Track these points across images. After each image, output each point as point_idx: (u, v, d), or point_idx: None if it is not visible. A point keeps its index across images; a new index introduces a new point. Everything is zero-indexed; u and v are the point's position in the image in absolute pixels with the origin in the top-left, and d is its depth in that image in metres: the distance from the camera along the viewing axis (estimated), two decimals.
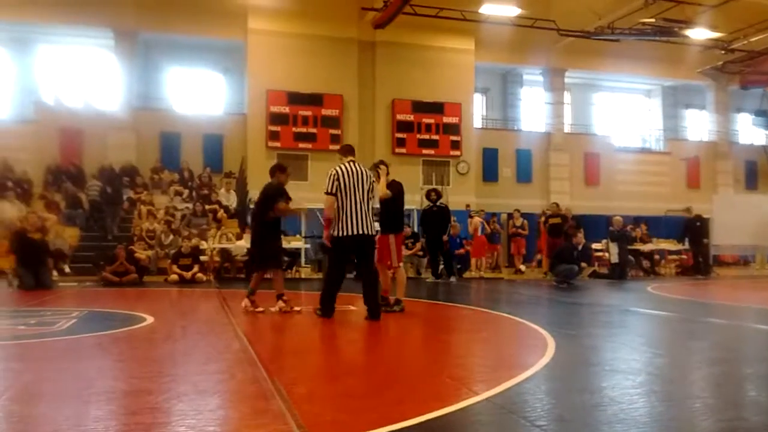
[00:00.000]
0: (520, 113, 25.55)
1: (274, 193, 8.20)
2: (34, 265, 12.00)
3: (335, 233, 7.35)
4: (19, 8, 19.33)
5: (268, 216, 8.12)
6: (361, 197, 7.32)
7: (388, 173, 8.24)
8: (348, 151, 7.70)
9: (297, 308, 8.14)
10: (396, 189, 8.38)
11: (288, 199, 8.32)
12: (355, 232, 7.28)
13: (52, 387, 4.09)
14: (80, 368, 4.68)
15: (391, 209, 8.30)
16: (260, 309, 8.07)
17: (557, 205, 17.82)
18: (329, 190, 7.30)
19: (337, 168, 7.39)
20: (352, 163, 7.49)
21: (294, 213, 9.26)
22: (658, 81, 26.80)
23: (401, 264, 8.56)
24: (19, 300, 9.85)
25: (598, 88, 26.86)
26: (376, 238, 7.82)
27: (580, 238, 14.49)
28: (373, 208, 7.56)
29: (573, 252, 14.15)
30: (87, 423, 3.27)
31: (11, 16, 19.60)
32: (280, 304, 8.10)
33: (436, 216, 14.33)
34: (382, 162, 8.33)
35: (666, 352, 5.73)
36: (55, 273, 13.53)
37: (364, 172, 7.46)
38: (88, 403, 3.67)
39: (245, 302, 8.22)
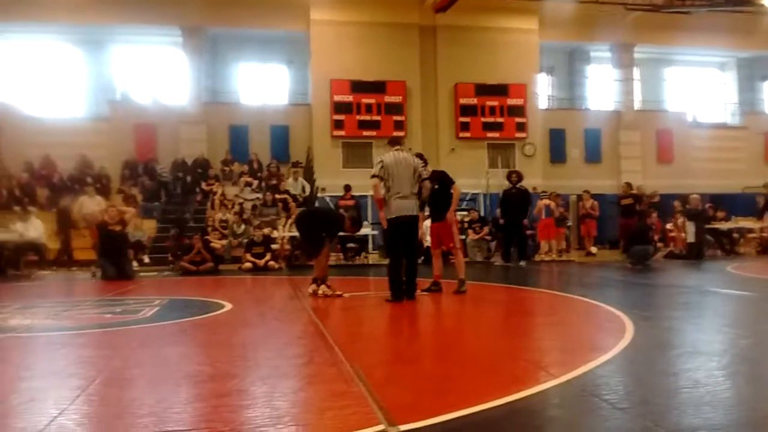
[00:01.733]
0: (587, 92, 24.95)
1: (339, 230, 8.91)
2: (115, 257, 12.46)
3: (388, 215, 7.72)
4: (91, 10, 20.05)
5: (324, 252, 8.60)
6: (405, 180, 7.74)
7: (425, 165, 8.30)
8: (395, 141, 8.23)
9: (338, 292, 8.35)
10: (438, 177, 8.52)
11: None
12: (403, 214, 7.69)
13: (141, 372, 4.26)
14: (166, 354, 4.87)
15: (441, 195, 8.53)
16: (339, 292, 8.32)
17: (629, 185, 17.36)
18: (375, 174, 7.75)
19: (383, 156, 7.87)
20: (398, 151, 7.92)
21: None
22: (732, 53, 25.64)
23: (461, 244, 9.09)
24: (103, 290, 10.25)
25: (669, 62, 25.92)
26: (429, 224, 8.13)
27: (653, 218, 14.11)
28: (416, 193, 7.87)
29: (647, 232, 13.79)
30: (178, 405, 3.40)
31: (85, 19, 20.33)
32: (313, 287, 8.45)
33: (516, 198, 14.23)
34: (419, 156, 8.35)
35: (750, 333, 5.53)
36: (135, 263, 14.07)
37: (408, 159, 7.88)
38: (178, 386, 3.82)
39: (313, 287, 8.45)
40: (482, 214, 18.40)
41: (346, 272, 12.97)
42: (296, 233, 15.32)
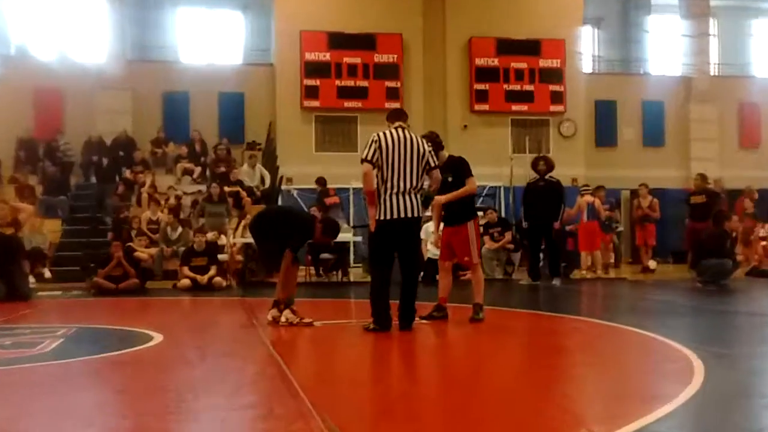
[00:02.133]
0: (646, 51, 25.01)
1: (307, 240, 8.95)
2: (5, 270, 12.35)
3: (378, 216, 7.63)
4: None
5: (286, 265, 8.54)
6: (408, 170, 7.60)
7: (441, 149, 8.29)
8: (396, 115, 8.02)
9: (307, 320, 8.32)
10: (453, 166, 8.53)
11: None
12: (402, 215, 7.58)
13: (35, 427, 4.23)
14: (72, 402, 4.82)
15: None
16: (307, 320, 8.31)
17: (702, 177, 17.37)
18: (366, 157, 7.56)
19: (380, 133, 7.68)
20: (400, 129, 7.75)
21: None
22: None
23: (480, 260, 8.95)
24: None
25: (758, 12, 26.04)
26: (431, 227, 7.99)
27: (734, 223, 14.15)
28: (422, 188, 7.80)
29: (725, 241, 13.81)
30: None
31: None
32: (274, 312, 8.41)
33: (544, 193, 14.03)
34: (430, 138, 8.32)
35: None
36: (32, 279, 13.96)
37: (414, 140, 7.72)
38: None
39: (273, 313, 8.45)
40: (503, 214, 18.40)
41: (319, 293, 12.87)
42: (251, 240, 15.28)
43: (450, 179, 8.40)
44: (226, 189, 17.66)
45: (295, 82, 20.99)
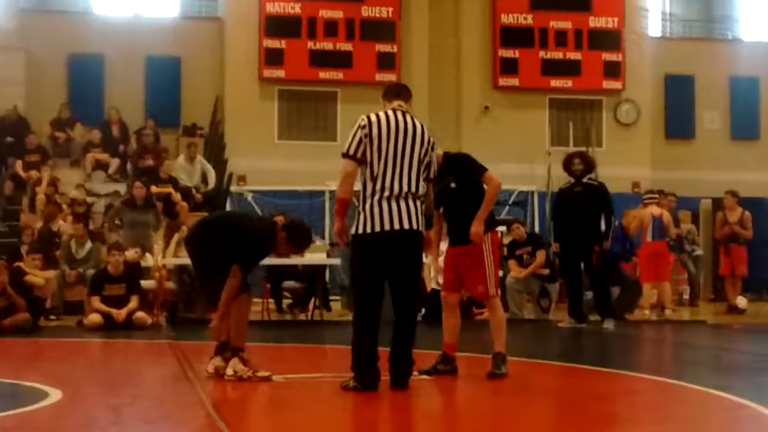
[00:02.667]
0: (736, 9, 25.10)
1: (262, 257, 8.92)
2: None
3: (360, 228, 7.58)
4: None
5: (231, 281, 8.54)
6: (407, 168, 7.60)
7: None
8: (395, 92, 8.04)
9: (262, 373, 8.29)
10: (455, 166, 8.54)
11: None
12: (396, 227, 7.52)
13: None
14: None
15: (464, 198, 8.46)
16: (263, 374, 8.28)
17: None
18: (350, 151, 7.56)
19: (372, 115, 7.64)
20: (400, 113, 7.74)
21: None
22: None
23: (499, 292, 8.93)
24: None
25: None
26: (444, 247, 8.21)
27: None
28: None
29: None
30: None
31: None
32: (217, 361, 8.42)
33: (582, 203, 14.15)
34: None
35: None
36: None
37: (417, 128, 7.73)
38: None
39: (216, 362, 8.43)
40: (536, 229, 18.38)
41: (282, 335, 12.86)
42: (188, 260, 15.08)
43: (453, 185, 8.41)
44: (154, 190, 17.61)
45: (252, 43, 21.05)
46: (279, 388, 8.01)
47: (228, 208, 18.37)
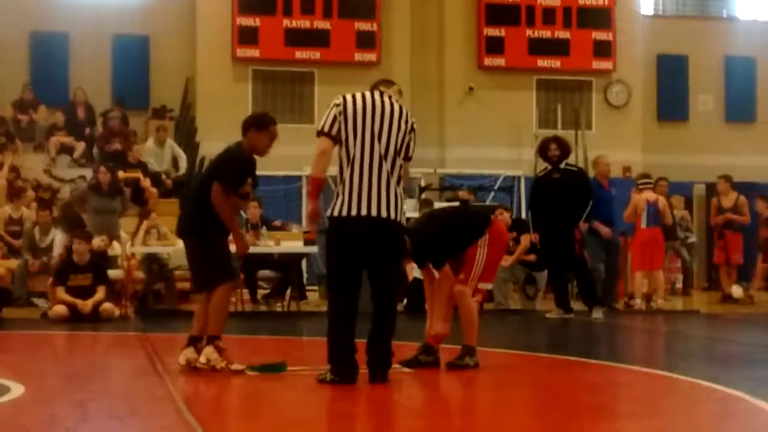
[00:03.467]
0: None
1: (242, 169, 8.57)
2: None
3: (336, 211, 7.64)
4: None
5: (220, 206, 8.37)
6: (384, 149, 7.67)
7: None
8: (380, 82, 8.27)
9: (236, 366, 8.32)
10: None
11: (254, 184, 8.95)
12: (372, 213, 7.58)
13: None
14: None
15: None
16: (237, 366, 8.27)
17: None
18: (325, 128, 7.65)
19: (347, 95, 7.74)
20: (377, 93, 7.93)
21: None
22: None
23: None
24: None
25: None
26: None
27: None
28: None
29: None
30: None
31: None
32: (189, 353, 8.41)
33: (559, 189, 14.18)
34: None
35: None
36: None
37: (395, 109, 7.82)
38: None
39: (188, 354, 8.45)
40: (522, 215, 18.38)
41: (256, 327, 12.95)
42: (157, 249, 15.06)
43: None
44: (122, 175, 17.58)
45: (224, 20, 21.04)
46: (252, 382, 8.09)
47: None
